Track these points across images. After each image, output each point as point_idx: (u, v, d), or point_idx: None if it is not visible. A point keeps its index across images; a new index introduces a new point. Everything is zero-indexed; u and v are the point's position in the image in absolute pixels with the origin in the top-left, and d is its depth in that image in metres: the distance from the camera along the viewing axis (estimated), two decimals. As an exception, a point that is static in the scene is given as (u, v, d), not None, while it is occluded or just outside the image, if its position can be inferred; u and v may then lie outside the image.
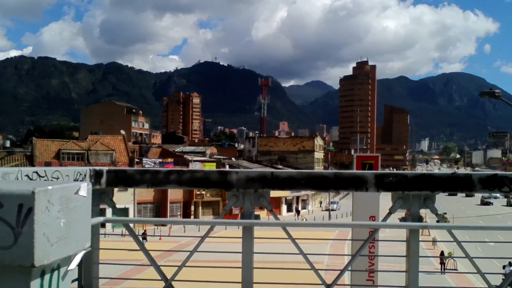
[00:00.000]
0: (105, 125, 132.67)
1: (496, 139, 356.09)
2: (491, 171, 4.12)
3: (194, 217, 76.01)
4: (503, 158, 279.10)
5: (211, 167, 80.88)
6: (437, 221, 5.96)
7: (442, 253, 42.14)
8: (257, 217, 4.29)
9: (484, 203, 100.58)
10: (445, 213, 75.55)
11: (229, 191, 4.22)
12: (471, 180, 4.03)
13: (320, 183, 4.14)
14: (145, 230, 50.78)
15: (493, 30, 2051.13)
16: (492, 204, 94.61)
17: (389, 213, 4.34)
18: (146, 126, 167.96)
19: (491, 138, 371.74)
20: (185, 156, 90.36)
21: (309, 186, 4.17)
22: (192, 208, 78.91)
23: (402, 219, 4.27)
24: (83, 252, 2.19)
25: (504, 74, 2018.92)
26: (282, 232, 4.41)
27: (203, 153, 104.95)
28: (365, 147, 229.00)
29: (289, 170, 4.74)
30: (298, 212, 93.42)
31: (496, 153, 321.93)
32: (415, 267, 4.16)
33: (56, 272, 2.09)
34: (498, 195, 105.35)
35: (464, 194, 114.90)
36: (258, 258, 4.48)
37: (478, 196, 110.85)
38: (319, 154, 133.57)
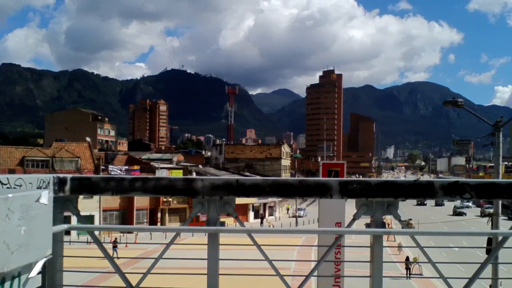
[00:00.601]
0: (70, 132, 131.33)
1: (460, 146, 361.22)
2: (452, 178, 4.19)
3: (161, 224, 75.59)
4: (467, 165, 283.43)
5: (178, 174, 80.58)
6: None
7: (407, 258, 42.61)
8: (223, 224, 4.29)
9: (456, 213, 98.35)
10: (410, 219, 76.49)
11: (195, 198, 4.21)
12: (433, 187, 4.09)
13: (285, 190, 4.15)
14: (115, 239, 50.24)
15: (457, 41, 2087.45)
16: (466, 214, 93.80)
17: (353, 220, 4.38)
18: (112, 133, 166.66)
19: (455, 146, 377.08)
20: (151, 163, 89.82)
21: (274, 193, 4.18)
22: (159, 215, 78.53)
23: (367, 225, 4.32)
24: (44, 259, 2.17)
25: (468, 83, 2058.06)
26: (249, 239, 4.42)
27: (169, 161, 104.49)
28: (331, 155, 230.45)
29: (255, 177, 4.74)
30: (262, 218, 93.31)
31: (460, 160, 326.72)
32: (379, 272, 4.20)
33: (16, 280, 2.07)
34: (470, 204, 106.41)
35: (433, 203, 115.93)
36: (224, 265, 4.48)
37: (449, 205, 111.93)
38: (286, 162, 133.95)
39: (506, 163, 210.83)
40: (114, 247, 45.08)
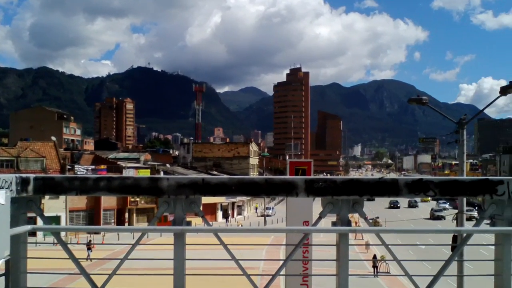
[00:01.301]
0: (35, 131, 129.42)
1: (426, 144, 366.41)
2: (417, 176, 4.24)
3: (128, 225, 75.07)
4: (433, 163, 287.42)
5: (146, 173, 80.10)
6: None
7: (374, 256, 42.96)
8: (189, 223, 4.27)
9: (434, 217, 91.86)
10: (377, 217, 77.23)
11: (160, 198, 4.18)
12: (398, 185, 4.12)
13: (251, 189, 4.14)
14: (90, 241, 49.46)
15: (422, 38, 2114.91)
16: (444, 219, 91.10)
17: (319, 218, 4.40)
18: (78, 132, 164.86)
19: (421, 144, 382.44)
20: (118, 162, 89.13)
21: (240, 192, 4.17)
22: (126, 215, 77.96)
23: (333, 224, 4.34)
24: (2, 260, 2.14)
25: (433, 81, 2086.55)
26: (216, 238, 4.40)
27: (137, 160, 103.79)
28: (299, 153, 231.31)
29: (221, 176, 4.75)
30: (227, 218, 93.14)
31: (426, 158, 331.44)
32: (345, 270, 4.22)
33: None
34: (447, 205, 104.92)
35: (407, 205, 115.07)
36: (192, 265, 4.46)
37: (423, 207, 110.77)
38: (254, 160, 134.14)
39: (471, 160, 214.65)
40: (89, 248, 44.58)
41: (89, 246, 44.33)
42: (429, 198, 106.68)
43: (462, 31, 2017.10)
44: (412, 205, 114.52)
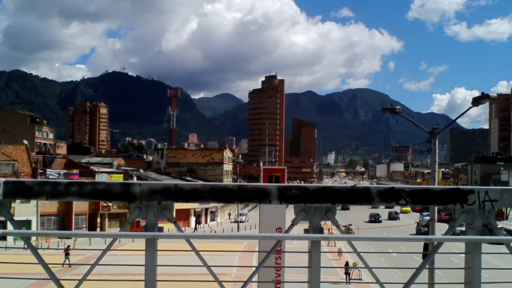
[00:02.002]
0: (7, 134, 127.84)
1: (399, 153, 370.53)
2: (389, 184, 4.27)
3: (100, 230, 74.35)
4: (405, 171, 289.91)
5: (118, 178, 79.52)
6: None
7: (347, 263, 43.11)
8: (161, 229, 4.25)
9: (421, 233, 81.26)
10: (350, 225, 77.56)
11: (132, 203, 4.16)
12: (370, 193, 4.15)
13: (224, 195, 4.14)
14: (68, 246, 48.73)
15: (397, 48, 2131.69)
16: (399, 219, 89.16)
17: (292, 225, 4.41)
18: (51, 136, 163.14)
19: (394, 152, 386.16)
20: (91, 167, 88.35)
21: (213, 198, 4.17)
22: (98, 220, 77.25)
23: (305, 231, 4.35)
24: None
25: (407, 90, 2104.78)
26: (194, 244, 4.38)
27: (110, 164, 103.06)
28: (273, 160, 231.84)
29: (194, 182, 4.76)
30: (196, 224, 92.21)
31: (399, 166, 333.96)
32: (316, 277, 4.23)
33: None
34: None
35: (387, 217, 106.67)
36: (163, 271, 4.43)
37: (405, 220, 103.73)
38: (228, 166, 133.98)
39: (443, 169, 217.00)
40: (67, 254, 44.03)
41: (67, 251, 43.79)
42: (409, 209, 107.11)
43: (436, 42, 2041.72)
44: (392, 217, 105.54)
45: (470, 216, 4.36)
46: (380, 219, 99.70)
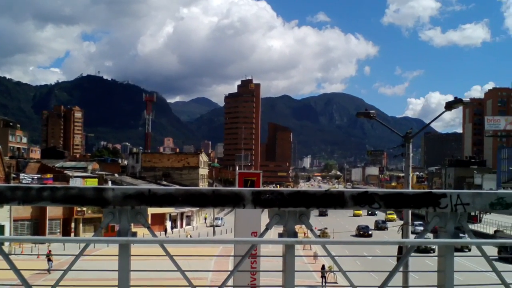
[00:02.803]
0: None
1: (374, 157, 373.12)
2: (362, 188, 4.30)
3: (75, 235, 73.71)
4: (380, 175, 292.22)
5: (93, 183, 78.87)
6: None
7: (323, 267, 43.21)
8: (134, 234, 4.22)
9: (420, 250, 73.51)
10: (326, 228, 77.82)
11: (106, 208, 4.13)
12: (344, 197, 4.18)
13: (198, 200, 4.13)
14: (50, 251, 48.04)
15: (373, 53, 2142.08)
16: (433, 251, 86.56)
17: (266, 229, 4.41)
18: (24, 140, 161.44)
19: (369, 156, 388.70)
20: (65, 171, 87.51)
21: (187, 203, 4.15)
22: (73, 225, 76.56)
23: (279, 235, 4.36)
24: None
25: (382, 95, 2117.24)
26: (169, 249, 4.36)
27: (84, 169, 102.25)
28: (249, 164, 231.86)
29: (169, 187, 4.74)
30: (167, 229, 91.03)
31: (374, 170, 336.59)
32: (291, 281, 4.24)
33: None
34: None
35: (373, 227, 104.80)
36: (138, 276, 4.40)
37: (394, 232, 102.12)
38: (203, 171, 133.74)
39: (418, 173, 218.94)
40: (49, 260, 43.50)
41: (49, 257, 43.24)
42: (395, 216, 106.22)
43: (411, 47, 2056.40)
44: (380, 226, 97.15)
45: (442, 219, 4.41)
46: (370, 232, 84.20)
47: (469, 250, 49.19)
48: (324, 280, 42.18)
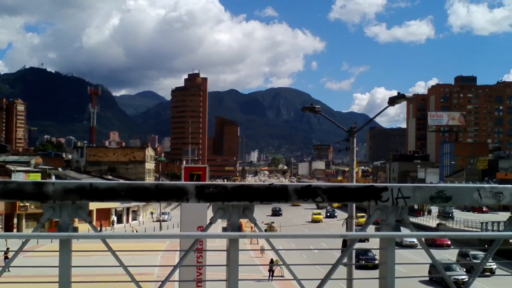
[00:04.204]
0: None
1: (320, 151, 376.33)
2: (306, 182, 4.34)
3: (17, 230, 72.10)
4: (327, 169, 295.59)
5: (36, 177, 77.29)
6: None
7: (272, 261, 43.43)
8: (75, 229, 4.15)
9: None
10: (273, 222, 78.28)
11: (46, 203, 4.04)
12: (287, 191, 4.20)
13: (141, 194, 4.09)
14: (8, 248, 46.47)
15: (320, 49, 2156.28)
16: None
17: (210, 223, 4.40)
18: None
19: (315, 151, 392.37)
20: (7, 166, 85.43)
21: (130, 197, 4.11)
22: (15, 220, 74.88)
23: (223, 229, 4.35)
24: None
25: (329, 90, 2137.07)
26: (114, 244, 4.30)
27: (27, 163, 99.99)
28: (196, 158, 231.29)
29: (111, 181, 4.69)
30: (112, 223, 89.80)
31: (320, 164, 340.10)
32: (234, 275, 4.24)
33: None
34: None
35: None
36: (80, 272, 4.34)
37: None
38: (150, 165, 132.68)
39: (363, 167, 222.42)
40: (6, 257, 42.11)
41: (6, 255, 41.90)
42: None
43: (357, 43, 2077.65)
44: (329, 215, 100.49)
45: (384, 212, 4.48)
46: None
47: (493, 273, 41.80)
48: (271, 274, 42.46)
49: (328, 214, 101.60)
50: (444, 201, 4.53)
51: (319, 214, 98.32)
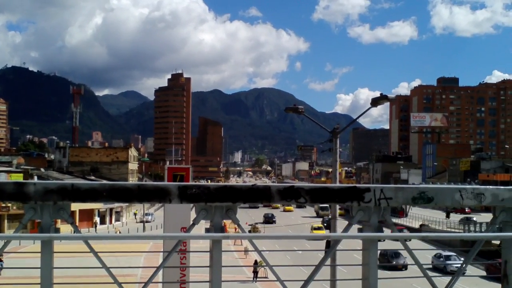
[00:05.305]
0: None
1: (304, 152, 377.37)
2: (289, 183, 4.34)
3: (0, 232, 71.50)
4: (310, 170, 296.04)
5: (18, 178, 76.69)
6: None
7: (255, 262, 43.39)
8: (57, 230, 4.12)
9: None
10: (257, 223, 78.32)
11: (26, 204, 4.01)
12: (270, 192, 4.20)
13: (123, 195, 4.07)
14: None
15: (303, 49, 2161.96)
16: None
17: (193, 224, 4.39)
18: None
19: (299, 151, 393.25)
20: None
21: (112, 198, 4.08)
22: (-3, 221, 74.33)
23: (206, 230, 4.35)
24: None
25: (312, 91, 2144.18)
26: (97, 245, 4.28)
27: (9, 163, 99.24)
28: (180, 159, 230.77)
29: (93, 181, 4.68)
30: (95, 225, 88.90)
31: (304, 165, 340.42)
32: (217, 276, 4.24)
33: None
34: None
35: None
36: (63, 273, 4.31)
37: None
38: (133, 165, 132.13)
39: (346, 168, 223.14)
40: None
41: None
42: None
43: (340, 43, 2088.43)
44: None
45: (366, 213, 4.50)
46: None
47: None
48: (256, 275, 42.44)
49: (325, 225, 79.03)
50: (426, 202, 4.56)
51: (320, 228, 76.83)
